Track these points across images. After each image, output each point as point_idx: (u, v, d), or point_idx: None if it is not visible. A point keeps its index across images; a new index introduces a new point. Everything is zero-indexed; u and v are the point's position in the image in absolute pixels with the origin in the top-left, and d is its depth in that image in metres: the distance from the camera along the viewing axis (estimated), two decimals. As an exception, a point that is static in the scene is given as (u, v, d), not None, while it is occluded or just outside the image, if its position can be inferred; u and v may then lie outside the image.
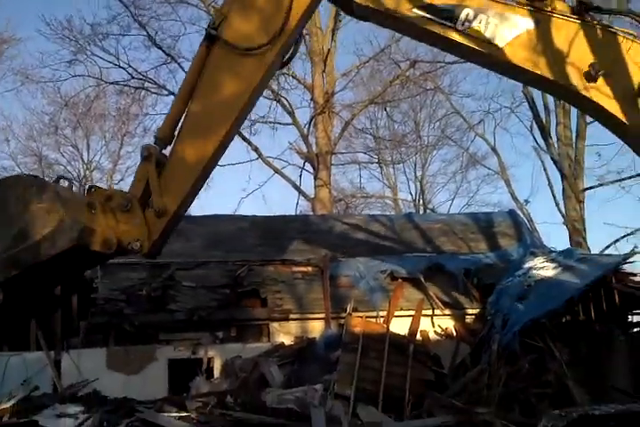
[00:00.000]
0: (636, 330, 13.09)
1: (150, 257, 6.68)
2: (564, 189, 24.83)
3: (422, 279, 14.37)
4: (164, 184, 6.09)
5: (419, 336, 12.25)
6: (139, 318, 13.39)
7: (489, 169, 34.54)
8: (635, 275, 13.11)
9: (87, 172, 37.52)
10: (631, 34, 6.30)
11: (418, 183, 37.48)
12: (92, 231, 5.64)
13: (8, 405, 9.27)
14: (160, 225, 6.01)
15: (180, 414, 9.17)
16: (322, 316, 13.65)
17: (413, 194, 38.01)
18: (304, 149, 28.36)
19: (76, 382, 12.00)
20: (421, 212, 33.90)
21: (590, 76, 5.82)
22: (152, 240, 5.98)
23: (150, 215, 6.00)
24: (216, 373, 12.73)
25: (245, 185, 78.11)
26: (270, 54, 6.27)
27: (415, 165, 37.36)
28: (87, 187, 6.60)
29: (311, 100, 27.93)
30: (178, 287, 14.23)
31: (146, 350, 12.97)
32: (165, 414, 9.07)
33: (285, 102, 28.09)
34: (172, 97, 24.59)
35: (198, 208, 58.58)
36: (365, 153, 34.48)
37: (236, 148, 54.70)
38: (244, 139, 28.16)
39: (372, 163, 35.58)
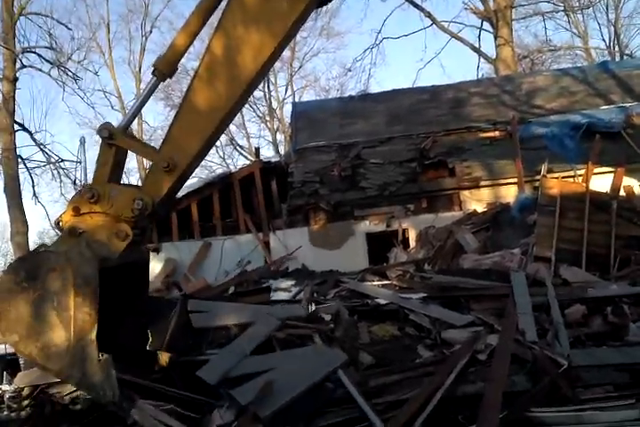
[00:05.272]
0: None
1: (157, 217, 5.78)
2: None
3: (623, 132, 13.21)
4: (175, 136, 5.30)
5: (622, 192, 11.47)
6: (333, 197, 14.08)
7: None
8: None
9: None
10: None
11: (611, 28, 33.43)
12: (98, 248, 5.02)
13: (228, 279, 10.37)
14: (168, 181, 5.28)
15: (382, 283, 9.66)
16: (514, 180, 13.27)
17: (607, 40, 34.14)
18: (480, 8, 26.36)
19: (284, 257, 13.20)
20: (617, 59, 30.44)
21: None
22: (158, 198, 5.26)
23: (158, 172, 5.29)
24: (411, 243, 13.17)
25: (422, 55, 75.67)
26: None
27: (607, 7, 33.11)
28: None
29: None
30: (366, 165, 14.57)
31: (344, 227, 13.73)
32: (368, 283, 9.62)
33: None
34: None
35: (375, 85, 58.09)
36: (549, 1, 31.13)
37: (408, 16, 52.44)
38: (416, 6, 26.71)
39: (558, 11, 32.07)
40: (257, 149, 22.04)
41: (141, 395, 4.96)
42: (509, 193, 13.27)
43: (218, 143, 35.75)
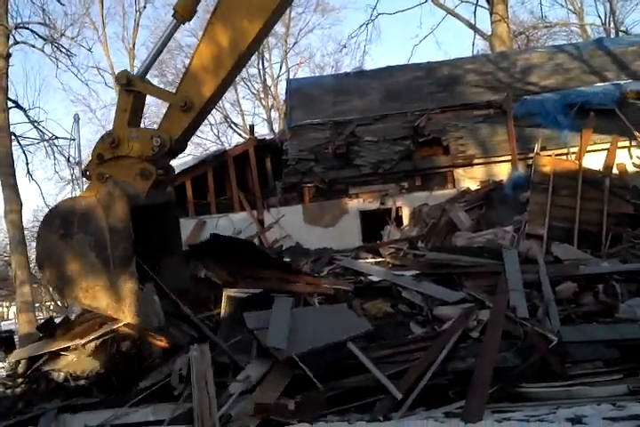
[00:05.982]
0: None
1: (173, 155, 6.00)
2: None
3: (617, 110, 13.17)
4: (192, 76, 5.52)
5: (615, 170, 11.49)
6: (328, 175, 14.07)
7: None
8: None
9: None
10: None
11: (607, 4, 33.02)
12: (125, 186, 5.21)
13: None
14: (185, 120, 5.51)
15: (375, 260, 9.72)
16: (507, 158, 13.27)
17: (602, 17, 33.80)
18: (476, -18, 26.08)
19: (270, 225, 13.47)
20: (613, 35, 30.18)
21: None
22: (175, 136, 5.50)
23: (174, 111, 5.53)
24: (405, 221, 13.21)
25: (417, 31, 74.95)
26: None
27: (603, -17, 32.78)
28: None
29: None
30: (360, 143, 14.52)
31: (338, 204, 13.75)
32: (362, 260, 9.67)
33: None
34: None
35: (370, 62, 57.68)
36: (545, -23, 30.77)
37: (404, -8, 51.82)
38: (411, -20, 26.42)
39: (554, -13, 31.83)
40: (251, 127, 21.87)
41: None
42: (503, 171, 13.28)
43: (212, 120, 35.59)
